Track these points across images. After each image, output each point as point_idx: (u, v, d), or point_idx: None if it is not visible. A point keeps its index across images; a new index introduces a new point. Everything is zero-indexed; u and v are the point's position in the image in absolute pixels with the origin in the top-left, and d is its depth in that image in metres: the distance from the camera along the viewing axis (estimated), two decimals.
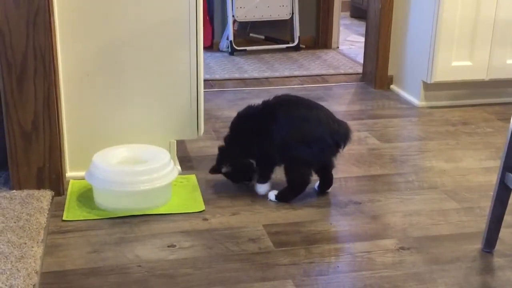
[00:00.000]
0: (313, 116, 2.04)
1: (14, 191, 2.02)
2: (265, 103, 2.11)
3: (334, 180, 2.17)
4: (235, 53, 4.31)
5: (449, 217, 2.02)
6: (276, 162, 2.10)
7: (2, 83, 1.94)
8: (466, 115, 3.06)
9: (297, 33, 4.47)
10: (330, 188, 2.17)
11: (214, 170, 2.18)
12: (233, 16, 4.34)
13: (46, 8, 1.90)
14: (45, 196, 2.00)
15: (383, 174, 2.35)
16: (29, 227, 1.79)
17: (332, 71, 3.91)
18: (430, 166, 2.43)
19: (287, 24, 4.54)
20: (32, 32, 1.91)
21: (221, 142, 2.21)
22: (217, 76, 3.75)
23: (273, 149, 2.05)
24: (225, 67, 3.98)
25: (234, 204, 2.07)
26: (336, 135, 2.03)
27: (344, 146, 2.06)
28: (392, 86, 3.48)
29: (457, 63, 3.08)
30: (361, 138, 2.72)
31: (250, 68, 3.96)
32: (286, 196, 2.09)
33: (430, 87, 3.17)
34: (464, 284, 1.64)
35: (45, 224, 1.83)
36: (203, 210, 2.02)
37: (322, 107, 2.11)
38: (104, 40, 2.14)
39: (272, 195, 2.10)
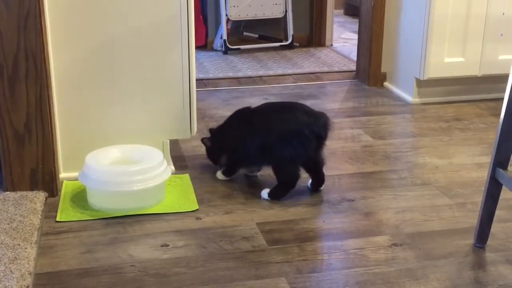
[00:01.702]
0: (287, 114, 2.08)
1: (8, 192, 2.03)
2: (242, 112, 2.23)
3: (327, 178, 2.18)
4: (229, 52, 4.31)
5: (441, 213, 2.02)
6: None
7: None
8: (459, 111, 3.06)
9: (290, 31, 4.47)
10: (322, 186, 2.17)
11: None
12: (226, 15, 4.34)
13: (37, 10, 1.90)
14: (39, 197, 2.00)
15: (376, 171, 2.36)
16: (22, 229, 1.79)
17: (326, 69, 3.92)
18: (423, 163, 2.44)
19: (280, 22, 4.54)
20: (23, 34, 1.91)
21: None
22: (211, 75, 3.75)
23: (254, 155, 2.12)
24: (219, 66, 3.98)
25: (228, 203, 2.08)
26: (314, 126, 2.03)
27: (325, 136, 2.07)
28: (385, 83, 3.49)
29: (450, 59, 3.08)
30: (354, 135, 2.72)
31: (244, 66, 3.96)
32: (278, 194, 2.10)
33: (423, 84, 3.17)
34: (457, 280, 1.65)
35: (38, 225, 1.83)
36: (197, 209, 2.03)
37: (297, 104, 2.16)
38: (96, 41, 2.14)
39: (265, 193, 2.11)
